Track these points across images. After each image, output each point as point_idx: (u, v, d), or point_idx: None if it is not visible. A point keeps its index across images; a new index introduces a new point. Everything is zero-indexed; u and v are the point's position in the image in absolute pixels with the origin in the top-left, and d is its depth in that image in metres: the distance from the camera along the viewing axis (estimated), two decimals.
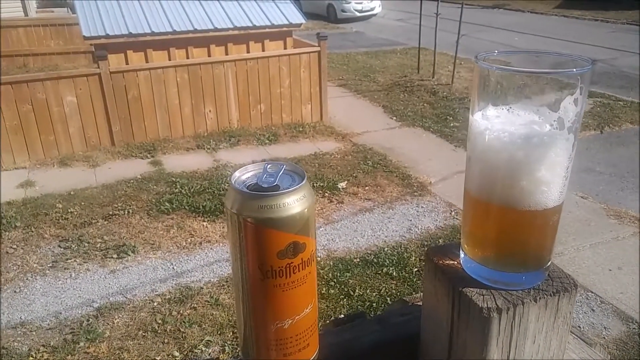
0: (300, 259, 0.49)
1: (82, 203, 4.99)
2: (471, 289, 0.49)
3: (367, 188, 5.28)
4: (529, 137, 0.44)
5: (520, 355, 0.49)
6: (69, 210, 4.84)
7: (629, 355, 3.18)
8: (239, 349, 0.55)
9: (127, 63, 6.62)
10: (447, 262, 0.53)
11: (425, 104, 8.21)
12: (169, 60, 6.78)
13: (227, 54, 7.11)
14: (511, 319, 0.47)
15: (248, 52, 7.21)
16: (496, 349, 0.48)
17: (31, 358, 3.16)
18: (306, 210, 0.48)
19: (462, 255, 0.52)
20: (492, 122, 0.46)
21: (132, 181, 5.44)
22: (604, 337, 3.33)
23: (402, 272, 3.89)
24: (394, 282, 3.81)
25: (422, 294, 0.59)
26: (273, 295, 0.49)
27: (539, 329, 0.49)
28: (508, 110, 0.46)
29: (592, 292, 3.69)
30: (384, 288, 3.74)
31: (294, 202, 0.47)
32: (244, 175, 0.51)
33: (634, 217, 4.68)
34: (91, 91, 6.00)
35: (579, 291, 3.73)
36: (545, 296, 0.48)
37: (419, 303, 0.65)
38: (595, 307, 3.56)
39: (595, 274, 3.89)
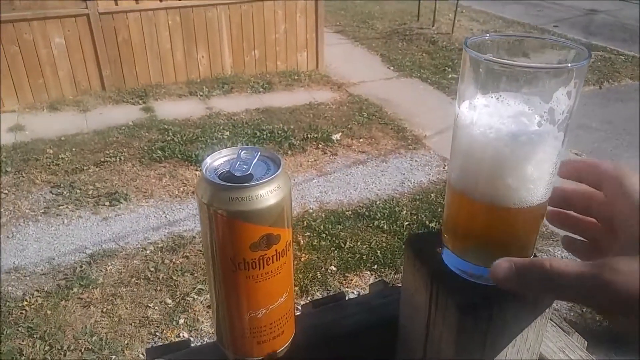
0: (275, 251, 0.47)
1: (73, 149, 4.95)
2: (449, 283, 0.48)
3: (361, 140, 5.25)
4: (516, 135, 0.42)
5: (496, 347, 0.49)
6: (60, 156, 4.80)
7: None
8: (213, 330, 0.54)
9: (116, 4, 6.37)
10: (427, 251, 0.52)
11: (423, 54, 8.04)
12: (160, 1, 6.53)
13: None
14: (488, 315, 0.46)
15: None
16: (471, 342, 0.47)
17: (26, 302, 3.21)
18: (281, 200, 0.46)
19: (442, 246, 0.51)
20: (480, 112, 0.44)
21: (123, 127, 5.38)
22: None
23: (393, 226, 3.93)
24: (385, 235, 3.85)
25: (402, 275, 0.58)
26: (246, 286, 0.48)
27: (516, 323, 0.48)
28: (497, 98, 0.43)
29: None
30: (374, 241, 3.78)
31: (268, 194, 0.45)
32: (217, 161, 0.48)
33: None
34: (80, 33, 5.81)
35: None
36: None
37: (399, 284, 0.64)
38: None
39: None
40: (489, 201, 0.45)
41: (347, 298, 0.63)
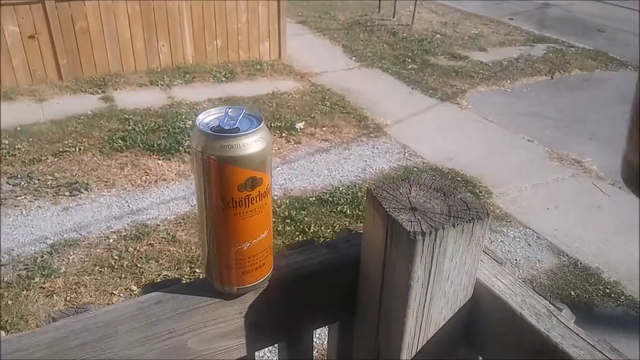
0: (258, 192, 0.56)
1: (30, 139, 4.84)
2: (402, 217, 0.58)
3: (324, 129, 5.35)
4: None
5: (440, 270, 0.59)
6: (16, 147, 4.69)
7: (557, 284, 3.51)
8: (202, 269, 0.63)
9: None
10: (384, 194, 0.61)
11: (384, 45, 8.19)
12: None
13: None
14: (433, 241, 0.56)
15: None
16: (420, 265, 0.57)
17: None
18: (263, 149, 0.55)
19: None
20: None
21: (82, 117, 5.29)
22: (537, 269, 3.64)
23: (355, 210, 4.05)
24: (348, 219, 3.97)
25: (364, 219, 0.68)
26: (233, 222, 0.56)
27: (456, 249, 0.59)
28: None
29: (529, 229, 3.98)
30: (338, 225, 3.90)
31: (252, 143, 0.53)
32: (208, 117, 0.57)
33: (574, 159, 4.98)
34: (35, 21, 5.65)
35: (518, 227, 4.01)
36: (462, 222, 0.57)
37: (361, 232, 0.74)
38: (532, 242, 3.87)
39: (534, 212, 4.18)
40: None
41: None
